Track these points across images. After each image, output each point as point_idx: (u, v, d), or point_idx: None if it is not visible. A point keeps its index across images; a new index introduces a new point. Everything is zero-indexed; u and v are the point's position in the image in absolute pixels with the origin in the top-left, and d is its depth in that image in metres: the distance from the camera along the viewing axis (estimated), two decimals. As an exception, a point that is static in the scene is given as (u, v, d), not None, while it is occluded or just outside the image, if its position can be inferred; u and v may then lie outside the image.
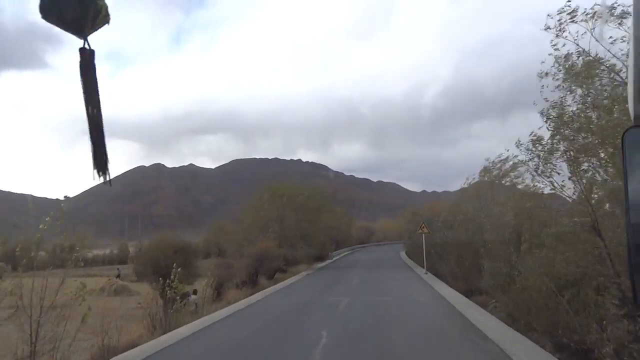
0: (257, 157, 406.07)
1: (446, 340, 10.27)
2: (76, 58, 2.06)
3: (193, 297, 19.43)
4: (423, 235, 28.27)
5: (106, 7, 2.00)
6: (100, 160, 1.93)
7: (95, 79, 1.98)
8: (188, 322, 14.76)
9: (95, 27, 1.99)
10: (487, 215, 19.83)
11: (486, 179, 22.74)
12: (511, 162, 21.55)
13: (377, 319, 12.91)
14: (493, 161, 22.16)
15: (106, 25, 2.00)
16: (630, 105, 1.31)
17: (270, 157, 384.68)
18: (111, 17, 2.19)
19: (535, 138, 10.75)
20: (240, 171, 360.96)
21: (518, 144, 11.87)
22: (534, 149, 11.16)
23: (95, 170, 1.92)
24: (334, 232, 61.93)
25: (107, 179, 1.98)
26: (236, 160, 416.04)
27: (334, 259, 48.96)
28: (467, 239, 22.25)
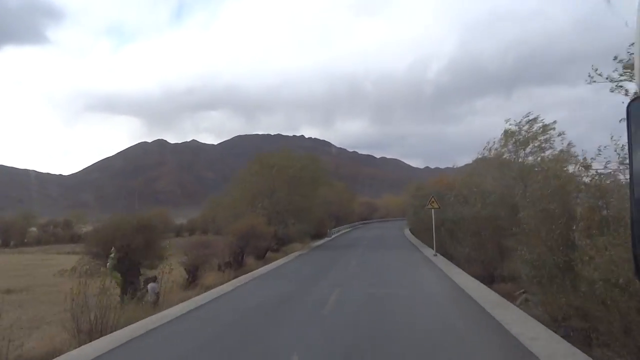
0: (260, 133, 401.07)
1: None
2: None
3: (152, 285, 15.74)
4: (433, 210, 24.41)
5: None
6: None
7: None
8: (139, 319, 11.35)
9: None
10: (516, 186, 15.94)
11: (510, 145, 18.94)
12: (541, 124, 17.66)
13: (375, 328, 9.05)
14: (519, 123, 18.29)
15: None
16: (637, 75, 1.27)
17: (272, 133, 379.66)
18: None
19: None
20: (242, 147, 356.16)
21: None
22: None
23: None
24: (334, 208, 58.30)
25: None
26: (239, 136, 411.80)
27: (333, 236, 45.22)
28: (486, 214, 18.56)
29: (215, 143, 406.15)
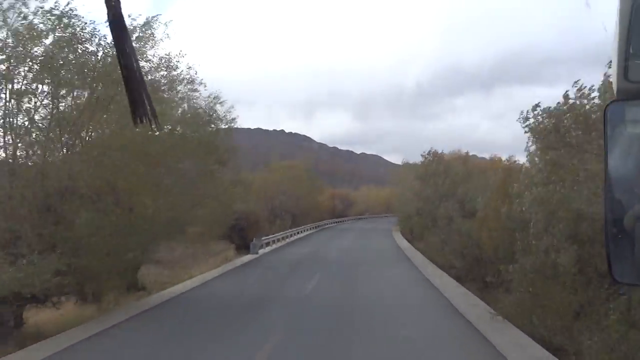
0: (240, 126, 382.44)
1: None
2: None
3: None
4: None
5: None
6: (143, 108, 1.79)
7: (127, 30, 1.85)
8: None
9: None
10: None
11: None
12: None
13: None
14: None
15: None
16: (614, 78, 1.25)
17: (252, 127, 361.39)
18: None
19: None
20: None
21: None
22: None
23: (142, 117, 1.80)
24: (291, 202, 43.23)
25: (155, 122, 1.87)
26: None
27: (261, 253, 25.83)
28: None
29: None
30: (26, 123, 10.82)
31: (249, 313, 11.92)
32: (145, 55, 12.54)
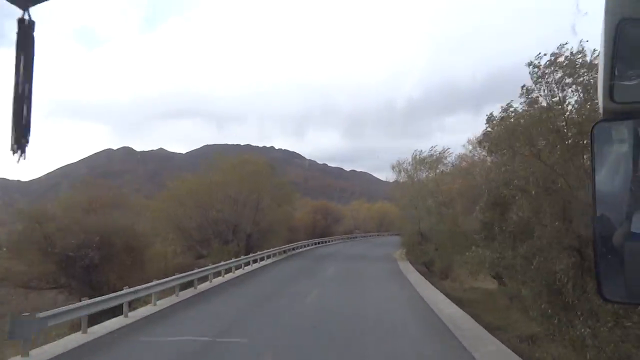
0: (230, 142, 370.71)
1: None
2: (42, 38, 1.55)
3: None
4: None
5: None
6: (21, 136, 1.47)
7: (33, 52, 1.50)
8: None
9: None
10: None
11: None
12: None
13: None
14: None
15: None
16: (600, 98, 1.25)
17: (242, 144, 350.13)
18: None
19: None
20: (211, 157, 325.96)
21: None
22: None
23: (16, 146, 1.45)
24: (237, 215, 30.93)
25: (23, 154, 1.46)
26: (207, 145, 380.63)
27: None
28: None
29: (184, 152, 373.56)
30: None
31: None
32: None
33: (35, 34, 1.59)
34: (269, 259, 31.08)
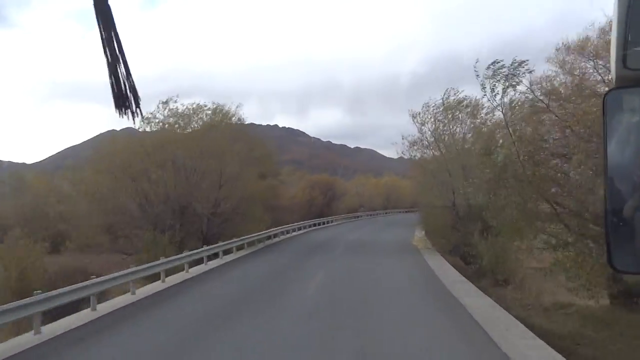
0: (232, 121, 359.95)
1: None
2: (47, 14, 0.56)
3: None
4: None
5: None
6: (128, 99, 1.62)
7: (113, 20, 1.59)
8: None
9: None
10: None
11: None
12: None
13: None
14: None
15: None
16: (612, 66, 1.22)
17: (246, 122, 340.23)
18: None
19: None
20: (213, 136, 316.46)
21: None
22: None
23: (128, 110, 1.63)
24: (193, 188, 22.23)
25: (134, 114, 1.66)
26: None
27: None
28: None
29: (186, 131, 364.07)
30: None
31: None
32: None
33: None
34: (229, 254, 21.15)
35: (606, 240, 1.24)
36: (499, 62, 13.24)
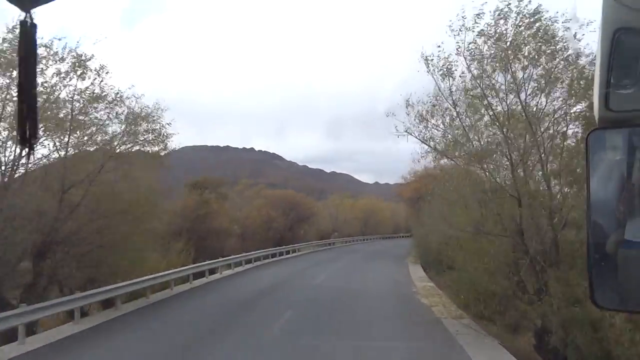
0: (209, 144, 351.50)
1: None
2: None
3: None
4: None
5: None
6: (29, 132, 1.50)
7: (35, 54, 1.57)
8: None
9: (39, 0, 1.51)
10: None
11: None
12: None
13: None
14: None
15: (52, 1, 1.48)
16: (596, 107, 1.24)
17: (222, 145, 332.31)
18: None
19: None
20: (189, 159, 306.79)
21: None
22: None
23: (23, 144, 1.50)
24: None
25: (31, 150, 1.56)
26: (187, 147, 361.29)
27: None
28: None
29: (162, 154, 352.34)
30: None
31: None
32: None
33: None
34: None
35: (588, 276, 1.23)
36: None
